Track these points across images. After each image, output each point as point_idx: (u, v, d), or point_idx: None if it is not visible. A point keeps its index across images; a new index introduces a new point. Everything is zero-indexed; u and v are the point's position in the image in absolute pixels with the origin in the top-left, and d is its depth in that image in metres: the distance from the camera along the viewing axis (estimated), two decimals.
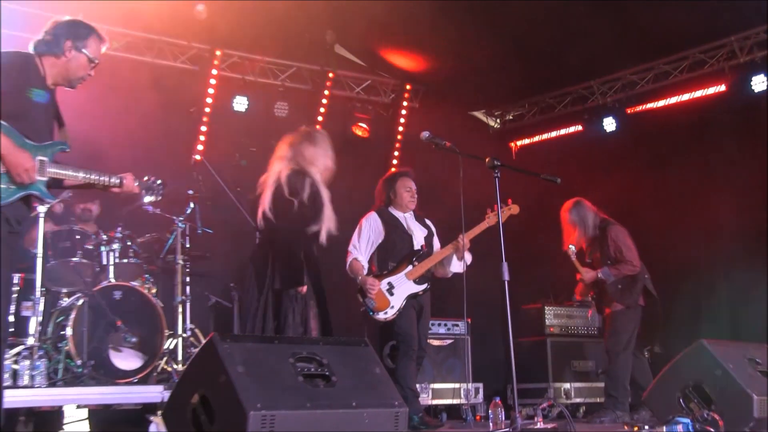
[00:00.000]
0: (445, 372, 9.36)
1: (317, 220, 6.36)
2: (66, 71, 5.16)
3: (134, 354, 7.63)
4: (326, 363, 4.24)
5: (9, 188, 4.80)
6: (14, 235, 5.04)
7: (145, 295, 7.88)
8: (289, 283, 6.25)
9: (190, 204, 8.70)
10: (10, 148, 4.75)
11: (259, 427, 3.72)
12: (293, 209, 6.27)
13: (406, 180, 7.91)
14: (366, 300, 7.40)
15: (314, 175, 6.43)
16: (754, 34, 10.04)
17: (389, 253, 7.65)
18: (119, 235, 8.09)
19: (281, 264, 6.30)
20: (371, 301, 7.38)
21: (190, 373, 4.37)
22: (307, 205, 6.31)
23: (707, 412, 5.38)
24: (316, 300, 6.44)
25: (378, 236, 7.67)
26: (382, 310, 7.42)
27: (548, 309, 10.42)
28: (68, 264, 7.81)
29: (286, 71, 11.37)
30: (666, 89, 11.04)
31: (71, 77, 5.20)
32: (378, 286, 7.41)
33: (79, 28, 5.21)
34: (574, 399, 10.13)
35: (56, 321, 7.67)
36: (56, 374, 7.27)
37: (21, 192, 4.89)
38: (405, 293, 7.51)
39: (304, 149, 6.53)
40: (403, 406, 4.34)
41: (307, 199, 6.31)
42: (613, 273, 8.49)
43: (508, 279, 6.09)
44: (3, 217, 4.84)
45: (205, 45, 10.62)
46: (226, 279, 9.58)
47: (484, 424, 8.31)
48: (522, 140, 12.92)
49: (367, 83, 11.98)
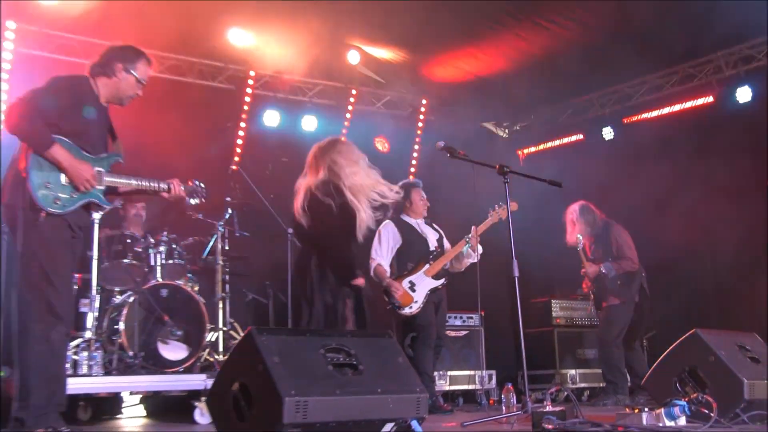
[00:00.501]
0: (461, 360, 9.35)
1: (353, 219, 6.32)
2: (117, 90, 5.23)
3: (180, 346, 7.64)
4: (354, 353, 4.23)
5: (72, 197, 4.90)
6: (77, 240, 5.12)
7: (189, 293, 7.89)
8: (344, 277, 6.20)
9: (229, 210, 8.72)
10: (71, 161, 4.85)
11: (293, 412, 3.71)
12: (331, 210, 6.21)
13: (420, 190, 8.07)
14: (392, 299, 7.48)
15: (344, 179, 6.39)
16: (737, 51, 10.07)
17: (407, 255, 7.76)
18: (165, 238, 8.11)
19: (332, 261, 6.22)
20: (396, 300, 7.44)
21: (230, 363, 4.37)
22: (342, 206, 6.27)
23: (702, 395, 5.34)
24: (354, 294, 6.41)
25: (396, 242, 7.75)
26: (407, 306, 7.51)
27: (554, 302, 10.43)
28: (120, 265, 7.84)
29: (314, 89, 11.37)
30: (659, 101, 11.02)
31: (121, 96, 5.27)
32: (401, 287, 7.47)
33: (128, 52, 5.29)
34: (579, 384, 10.10)
35: (110, 316, 7.69)
36: (111, 364, 7.28)
37: (82, 200, 4.97)
38: (426, 289, 7.59)
39: (334, 155, 6.51)
40: (424, 392, 4.32)
41: (342, 201, 6.27)
42: (614, 268, 8.50)
43: (518, 275, 6.07)
44: (67, 223, 4.92)
45: (240, 66, 10.64)
46: (261, 277, 9.59)
47: (497, 407, 8.28)
48: (529, 148, 12.88)
49: (387, 98, 11.96)
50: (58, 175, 4.85)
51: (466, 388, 9.37)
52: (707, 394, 5.36)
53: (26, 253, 4.77)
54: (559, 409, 5.24)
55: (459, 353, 9.35)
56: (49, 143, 4.77)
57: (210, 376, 6.99)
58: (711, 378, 5.50)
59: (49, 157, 4.79)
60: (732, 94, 10.02)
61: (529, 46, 9.76)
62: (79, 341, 7.15)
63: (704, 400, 5.29)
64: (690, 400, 5.31)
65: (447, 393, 9.24)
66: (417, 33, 9.25)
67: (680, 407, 5.10)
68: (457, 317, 9.36)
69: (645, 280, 8.73)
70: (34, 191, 4.75)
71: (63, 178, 4.87)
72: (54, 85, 4.97)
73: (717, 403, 5.22)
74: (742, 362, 5.64)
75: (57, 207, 4.83)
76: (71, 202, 4.91)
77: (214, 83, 10.65)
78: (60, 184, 4.86)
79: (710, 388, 5.46)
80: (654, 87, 11.01)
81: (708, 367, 5.54)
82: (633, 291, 8.60)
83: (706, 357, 5.57)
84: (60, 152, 4.81)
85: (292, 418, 3.71)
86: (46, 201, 4.79)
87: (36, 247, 4.79)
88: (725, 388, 5.39)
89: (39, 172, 4.79)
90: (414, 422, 4.20)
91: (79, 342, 7.15)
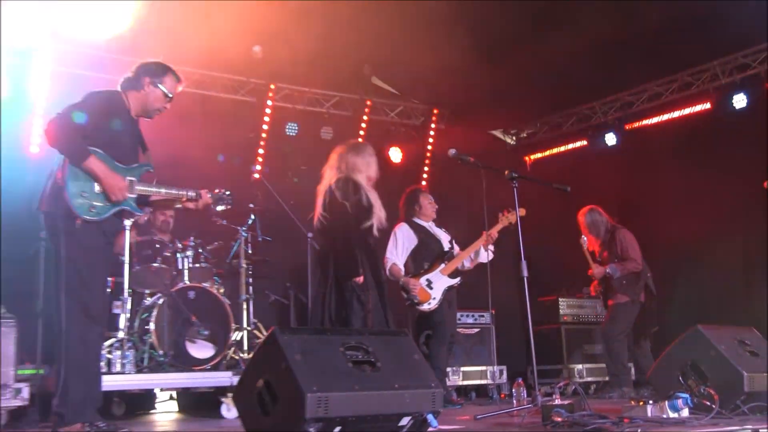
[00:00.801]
0: (473, 356, 9.35)
1: (369, 216, 6.36)
2: (145, 103, 5.28)
3: (207, 345, 7.65)
4: (372, 351, 4.23)
5: (105, 205, 4.94)
6: (109, 246, 5.17)
7: (214, 295, 7.90)
8: (346, 274, 6.24)
9: (251, 216, 8.74)
10: (105, 171, 4.90)
11: (315, 407, 3.71)
12: (346, 211, 6.28)
13: (428, 195, 8.09)
14: (411, 295, 7.46)
15: (360, 180, 6.44)
16: (733, 59, 10.05)
17: (423, 255, 7.74)
18: (192, 243, 8.13)
19: (339, 258, 6.30)
20: (415, 296, 7.44)
21: (255, 361, 4.38)
22: (357, 206, 6.31)
23: (704, 388, 5.34)
24: (375, 287, 6.42)
25: (411, 242, 7.73)
26: (426, 302, 7.49)
27: (562, 300, 10.43)
28: (150, 269, 7.87)
29: (330, 100, 11.38)
30: (659, 108, 10.99)
31: (149, 109, 5.31)
32: (418, 284, 7.47)
33: (156, 67, 5.33)
34: (586, 378, 10.09)
35: (141, 317, 7.71)
36: (142, 362, 7.32)
37: (115, 208, 5.02)
38: (443, 286, 7.59)
39: (351, 158, 6.55)
40: (439, 387, 4.31)
41: (357, 201, 6.31)
42: (619, 269, 8.52)
43: (527, 275, 6.07)
44: (101, 230, 4.96)
45: (261, 80, 10.67)
46: (283, 279, 9.60)
47: (508, 401, 8.27)
48: (535, 154, 12.87)
49: (400, 109, 11.97)
50: (93, 185, 4.90)
51: (478, 382, 9.37)
52: (709, 386, 5.36)
53: (65, 259, 4.81)
54: (567, 403, 5.23)
55: (471, 350, 9.35)
56: (85, 155, 4.82)
57: (236, 374, 7.02)
58: (712, 371, 5.50)
59: (86, 169, 4.85)
60: (728, 101, 10.00)
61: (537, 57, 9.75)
62: (112, 341, 7.20)
63: (706, 392, 5.28)
64: (692, 392, 5.31)
65: (460, 387, 9.23)
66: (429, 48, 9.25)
67: (683, 399, 5.09)
68: (469, 315, 9.35)
69: (651, 280, 8.73)
70: (71, 200, 4.80)
71: (97, 188, 4.91)
72: (89, 100, 5.02)
73: (718, 395, 5.22)
74: (741, 356, 5.64)
75: (92, 214, 4.88)
76: (105, 210, 4.96)
77: (237, 96, 10.68)
78: (95, 192, 4.90)
79: (711, 381, 5.45)
80: (654, 94, 10.98)
81: (709, 361, 5.54)
82: (638, 290, 8.60)
83: (708, 351, 5.57)
84: (95, 163, 4.86)
85: (314, 412, 3.71)
86: (82, 209, 4.83)
87: (74, 253, 4.83)
88: (726, 381, 5.39)
89: (75, 182, 4.84)
90: (430, 416, 4.19)
91: (112, 341, 7.20)
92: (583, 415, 5.01)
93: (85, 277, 4.85)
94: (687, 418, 5.03)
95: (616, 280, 8.60)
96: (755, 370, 5.48)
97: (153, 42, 8.04)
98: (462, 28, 8.83)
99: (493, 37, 9.24)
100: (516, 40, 9.30)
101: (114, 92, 5.24)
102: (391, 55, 9.85)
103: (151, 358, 7.38)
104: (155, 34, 8.12)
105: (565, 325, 10.28)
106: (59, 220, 4.82)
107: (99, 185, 4.91)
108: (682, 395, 5.12)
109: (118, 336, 7.24)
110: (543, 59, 9.70)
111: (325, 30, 8.64)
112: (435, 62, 9.22)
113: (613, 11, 8.60)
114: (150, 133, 5.56)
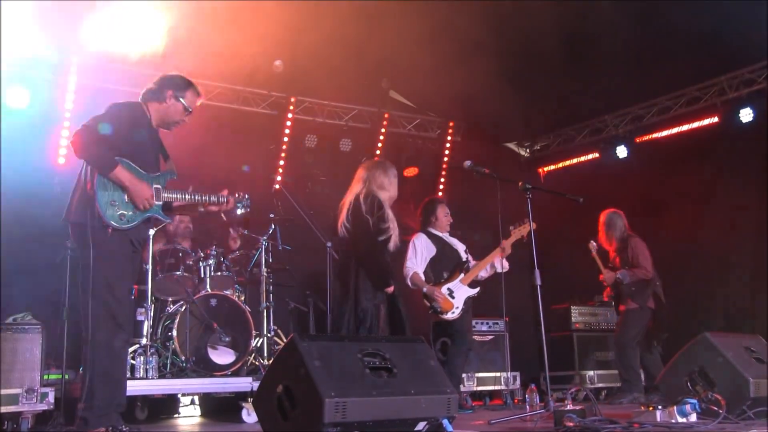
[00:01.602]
0: (488, 363, 9.32)
1: (386, 233, 6.41)
2: (165, 115, 5.31)
3: (228, 351, 7.67)
4: (388, 357, 4.24)
5: (135, 213, 4.98)
6: (136, 254, 5.21)
7: (236, 302, 7.93)
8: (378, 284, 6.28)
9: (272, 225, 8.77)
10: (133, 180, 4.94)
11: (333, 412, 3.73)
12: (368, 224, 6.36)
13: (444, 206, 8.03)
14: (434, 304, 7.44)
15: (384, 198, 6.51)
16: (740, 74, 10.05)
17: (442, 264, 7.71)
18: (214, 252, 8.14)
19: (369, 269, 6.35)
20: (438, 305, 7.42)
21: (275, 367, 4.39)
22: (378, 223, 6.38)
23: (711, 393, 5.34)
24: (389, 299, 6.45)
25: (430, 252, 7.71)
26: (449, 311, 7.46)
27: (574, 308, 10.39)
28: (173, 277, 7.89)
29: (349, 113, 11.41)
30: (668, 121, 10.97)
31: (168, 121, 5.33)
32: (442, 293, 7.46)
33: (179, 80, 5.37)
34: (597, 384, 10.05)
35: (164, 324, 7.75)
36: (165, 368, 7.35)
37: (143, 216, 5.04)
38: (464, 296, 7.57)
39: (378, 176, 6.61)
40: (454, 393, 4.33)
41: (379, 218, 6.38)
42: (629, 275, 8.56)
43: (540, 284, 6.07)
44: (129, 238, 5.00)
45: (282, 93, 10.72)
46: (303, 288, 9.59)
47: (521, 406, 8.25)
48: (548, 166, 12.85)
49: (417, 121, 11.99)
50: (122, 194, 4.95)
51: (492, 388, 9.34)
52: (716, 392, 5.36)
53: (93, 266, 4.84)
54: (579, 408, 5.24)
55: (486, 356, 9.33)
56: (113, 165, 4.87)
57: (256, 379, 7.04)
58: (719, 377, 5.51)
59: (114, 178, 4.89)
60: (736, 115, 9.99)
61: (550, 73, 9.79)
62: (135, 347, 7.23)
63: (713, 398, 5.28)
64: (700, 398, 5.31)
65: (475, 392, 9.23)
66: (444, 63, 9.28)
67: (691, 405, 5.09)
68: (483, 323, 9.34)
69: (660, 288, 8.73)
70: (102, 210, 4.84)
71: (126, 196, 4.96)
72: (112, 111, 5.07)
73: (725, 400, 5.22)
74: (748, 362, 5.64)
75: (122, 223, 4.93)
76: (135, 218, 5.01)
77: (258, 109, 10.73)
78: (124, 201, 4.95)
79: (719, 386, 5.46)
80: (663, 108, 10.97)
81: (716, 368, 5.55)
82: (646, 297, 8.61)
83: (715, 358, 5.58)
84: (123, 173, 4.91)
85: (332, 417, 3.72)
86: (113, 218, 4.88)
87: (102, 261, 4.86)
88: (733, 387, 5.39)
89: (104, 192, 4.88)
90: (445, 421, 4.20)
91: (135, 347, 7.22)
92: (594, 420, 5.01)
93: (113, 284, 4.88)
94: (695, 423, 5.03)
95: (626, 286, 8.64)
96: (761, 377, 5.48)
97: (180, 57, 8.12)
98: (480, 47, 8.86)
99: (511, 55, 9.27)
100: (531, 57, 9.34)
101: (136, 103, 5.28)
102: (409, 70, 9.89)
103: (173, 363, 7.42)
104: (182, 49, 8.17)
105: (577, 332, 10.25)
106: (90, 230, 4.85)
107: (127, 194, 4.95)
108: (690, 401, 5.12)
109: (142, 342, 7.27)
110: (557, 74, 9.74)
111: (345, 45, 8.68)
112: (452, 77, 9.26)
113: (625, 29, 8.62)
114: (175, 144, 5.61)
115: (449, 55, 8.89)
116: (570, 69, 9.47)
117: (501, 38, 8.84)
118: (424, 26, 8.49)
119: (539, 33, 8.75)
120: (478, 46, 8.83)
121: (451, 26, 8.61)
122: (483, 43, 8.81)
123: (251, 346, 7.89)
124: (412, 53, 8.94)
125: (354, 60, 9.07)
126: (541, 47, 9.06)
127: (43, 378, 6.36)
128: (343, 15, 8.16)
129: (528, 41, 8.96)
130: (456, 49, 8.80)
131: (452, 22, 8.56)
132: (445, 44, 8.74)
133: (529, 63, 9.53)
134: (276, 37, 8.31)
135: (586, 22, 8.55)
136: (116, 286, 4.90)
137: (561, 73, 9.76)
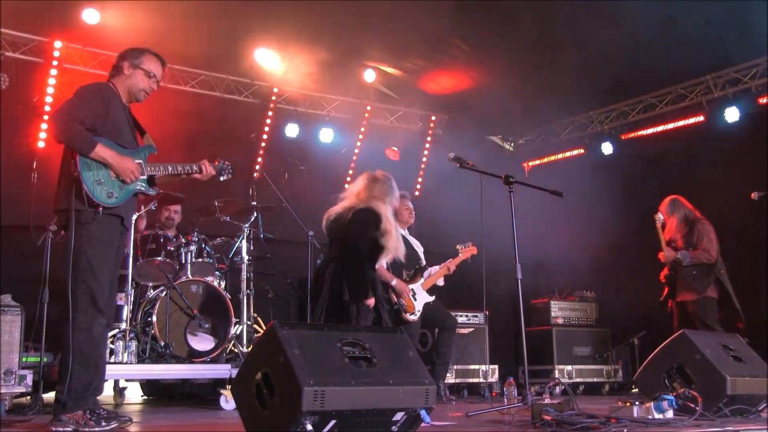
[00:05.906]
0: (466, 355, 9.35)
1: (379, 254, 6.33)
2: (131, 86, 5.29)
3: (207, 338, 7.69)
4: (368, 347, 4.24)
5: (122, 189, 4.97)
6: (124, 236, 5.23)
7: (216, 289, 7.93)
8: (358, 296, 6.20)
9: (253, 213, 8.76)
10: (115, 156, 4.94)
11: (311, 400, 3.73)
12: (365, 236, 6.22)
13: (406, 200, 7.91)
14: (401, 300, 7.42)
15: (382, 209, 6.37)
16: (725, 74, 10.16)
17: (399, 262, 7.49)
18: (195, 238, 8.14)
19: (352, 280, 6.20)
20: (404, 304, 7.40)
21: (254, 354, 4.39)
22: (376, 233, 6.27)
23: (688, 390, 5.37)
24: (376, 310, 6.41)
25: None
26: (411, 312, 7.47)
27: (554, 303, 10.45)
28: (154, 263, 7.87)
29: (332, 103, 11.43)
30: (654, 119, 11.07)
31: (134, 91, 5.31)
32: (410, 292, 7.46)
33: (133, 50, 5.35)
34: (575, 379, 10.11)
35: (144, 309, 7.74)
36: (144, 353, 7.34)
37: (130, 192, 5.04)
38: (423, 301, 7.63)
39: (379, 187, 6.50)
40: (433, 384, 4.33)
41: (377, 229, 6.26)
42: (690, 256, 8.18)
43: (521, 277, 6.08)
44: (118, 217, 5.00)
45: (265, 82, 10.71)
46: (283, 275, 9.60)
47: (499, 399, 8.30)
48: (533, 161, 12.89)
49: (399, 113, 12.01)
50: (107, 172, 4.93)
51: (471, 381, 9.38)
52: (693, 389, 5.39)
53: (76, 251, 4.83)
54: (556, 402, 5.26)
55: (465, 349, 9.35)
56: (92, 144, 4.84)
57: (235, 366, 7.04)
58: (697, 375, 5.54)
59: (96, 157, 4.87)
60: (721, 114, 10.08)
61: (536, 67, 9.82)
62: (115, 331, 7.22)
63: (690, 395, 5.31)
64: (677, 394, 5.34)
65: (453, 385, 9.25)
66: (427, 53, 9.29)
67: (668, 401, 5.11)
68: (463, 315, 9.37)
69: (725, 276, 8.27)
70: (90, 189, 4.82)
71: (111, 174, 4.94)
72: (82, 93, 5.04)
73: (702, 397, 5.25)
74: (725, 360, 5.68)
75: (112, 201, 4.92)
76: (124, 195, 5.00)
77: (240, 98, 10.72)
78: (109, 179, 4.93)
79: (696, 383, 5.49)
80: (648, 106, 11.05)
81: (694, 365, 5.57)
82: (707, 283, 8.18)
83: (693, 355, 5.60)
84: (104, 150, 4.89)
85: (310, 406, 3.72)
86: (102, 197, 4.86)
87: (85, 246, 4.85)
88: (710, 384, 5.42)
89: (89, 172, 4.86)
90: (423, 412, 4.21)
91: (115, 332, 7.22)
92: (571, 414, 5.04)
93: (95, 269, 4.86)
94: (671, 419, 5.06)
95: (686, 269, 8.24)
96: (738, 374, 5.52)
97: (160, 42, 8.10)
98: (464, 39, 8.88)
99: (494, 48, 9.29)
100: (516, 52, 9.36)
101: (103, 83, 5.27)
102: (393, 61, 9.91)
103: (152, 349, 7.41)
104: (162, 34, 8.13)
105: (556, 327, 10.30)
106: (74, 213, 4.83)
107: (111, 171, 4.94)
108: (667, 397, 5.15)
109: (121, 327, 7.26)
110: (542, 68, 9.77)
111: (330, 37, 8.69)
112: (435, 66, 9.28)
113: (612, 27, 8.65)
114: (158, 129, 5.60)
115: (434, 47, 8.93)
116: (555, 65, 9.49)
117: (484, 31, 8.87)
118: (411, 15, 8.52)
119: (521, 27, 8.81)
120: (464, 39, 8.86)
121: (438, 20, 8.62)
122: (468, 36, 8.85)
123: (231, 334, 7.89)
124: (395, 45, 8.96)
125: (338, 51, 9.11)
126: (525, 44, 9.12)
127: (21, 360, 6.35)
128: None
129: (509, 35, 9.00)
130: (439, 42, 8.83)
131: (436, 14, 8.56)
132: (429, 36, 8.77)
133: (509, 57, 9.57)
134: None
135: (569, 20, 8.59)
136: (99, 271, 4.88)
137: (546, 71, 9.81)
